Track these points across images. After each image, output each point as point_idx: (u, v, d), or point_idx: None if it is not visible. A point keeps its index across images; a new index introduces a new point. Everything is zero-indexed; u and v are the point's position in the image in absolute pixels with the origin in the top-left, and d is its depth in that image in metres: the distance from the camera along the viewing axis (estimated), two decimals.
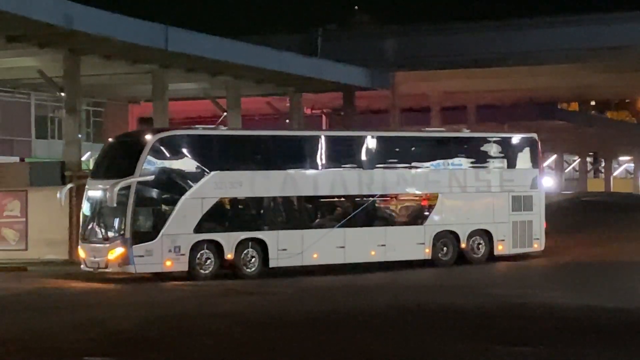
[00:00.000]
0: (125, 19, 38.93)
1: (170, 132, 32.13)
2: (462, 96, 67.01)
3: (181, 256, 30.30)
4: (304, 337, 18.53)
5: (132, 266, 29.95)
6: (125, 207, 29.84)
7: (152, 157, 30.42)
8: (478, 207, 35.40)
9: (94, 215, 31.16)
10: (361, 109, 62.41)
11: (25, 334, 19.10)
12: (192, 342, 18.01)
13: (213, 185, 31.09)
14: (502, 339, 17.87)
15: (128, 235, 29.81)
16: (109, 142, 33.66)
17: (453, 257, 34.61)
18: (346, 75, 52.51)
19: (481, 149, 36.20)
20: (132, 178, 29.95)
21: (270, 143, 33.34)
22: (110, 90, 51.60)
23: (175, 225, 30.31)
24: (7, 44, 37.66)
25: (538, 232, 36.36)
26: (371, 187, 33.64)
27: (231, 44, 45.46)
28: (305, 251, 32.11)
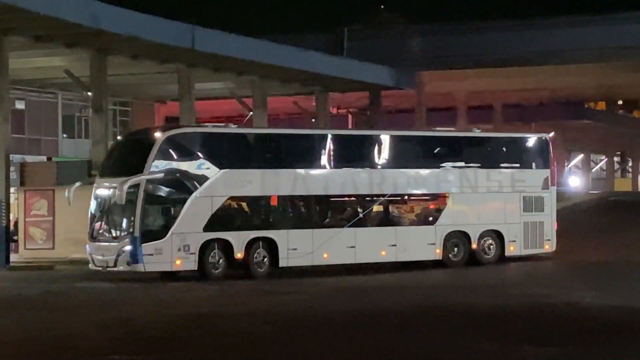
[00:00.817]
0: (152, 18, 39.02)
1: (180, 130, 31.96)
2: (488, 95, 66.85)
3: (191, 255, 29.96)
4: (331, 336, 18.50)
5: (141, 265, 29.60)
6: (134, 205, 29.53)
7: (161, 155, 30.12)
8: (489, 207, 35.09)
9: (102, 214, 30.86)
10: (387, 109, 62.33)
11: (51, 333, 19.17)
12: (219, 341, 18.02)
13: (223, 183, 30.79)
14: (529, 339, 17.77)
15: (137, 234, 29.46)
16: (117, 141, 33.54)
17: (464, 258, 34.32)
18: (372, 74, 52.44)
19: (492, 149, 36.03)
20: (141, 176, 29.65)
21: (279, 141, 33.08)
22: (136, 89, 51.73)
23: (185, 223, 30.00)
24: (35, 44, 37.83)
25: (549, 233, 36.03)
26: (382, 187, 33.35)
27: (257, 43, 45.49)
28: (315, 251, 31.81)
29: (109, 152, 33.13)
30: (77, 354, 16.73)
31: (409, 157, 34.46)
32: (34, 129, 48.58)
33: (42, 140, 49.34)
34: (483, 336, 18.15)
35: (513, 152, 36.28)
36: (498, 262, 34.62)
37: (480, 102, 68.29)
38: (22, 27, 36.31)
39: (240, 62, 44.24)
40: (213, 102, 55.82)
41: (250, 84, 49.04)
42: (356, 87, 53.31)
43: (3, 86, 36.96)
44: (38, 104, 49.14)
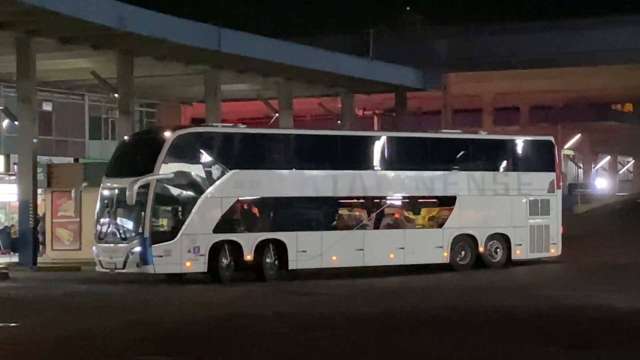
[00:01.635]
0: (178, 20, 39.13)
1: (190, 130, 31.62)
2: (514, 97, 66.63)
3: (200, 257, 29.45)
4: (356, 338, 18.45)
5: (151, 266, 29.02)
6: (144, 206, 28.97)
7: (171, 155, 29.60)
8: (496, 210, 34.76)
9: (110, 215, 30.22)
10: (413, 110, 62.23)
11: (78, 333, 19.22)
12: (244, 342, 18.01)
13: (232, 184, 30.34)
14: (559, 341, 17.67)
15: (147, 235, 28.92)
16: (125, 141, 33.07)
17: (471, 261, 34.00)
18: (398, 76, 52.37)
19: (498, 151, 35.69)
20: (151, 176, 29.14)
21: (288, 142, 32.74)
22: (163, 91, 51.86)
23: (195, 225, 29.51)
24: (62, 46, 37.99)
25: (555, 236, 35.72)
26: (390, 189, 33.12)
27: (283, 45, 45.52)
28: (324, 253, 31.43)
29: (115, 152, 32.53)
30: (105, 353, 16.76)
31: (415, 159, 34.08)
32: (61, 131, 48.77)
33: (69, 141, 49.51)
34: (517, 338, 18.05)
35: (519, 154, 35.95)
36: (505, 266, 34.36)
37: (506, 103, 68.06)
38: (49, 29, 36.48)
39: (266, 63, 44.28)
40: (239, 104, 55.88)
41: (276, 85, 49.09)
42: (382, 88, 53.25)
43: (30, 88, 37.14)
44: (65, 106, 49.32)
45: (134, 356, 16.19)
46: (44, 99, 46.72)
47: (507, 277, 32.01)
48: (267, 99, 51.29)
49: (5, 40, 36.58)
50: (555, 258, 35.76)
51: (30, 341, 17.99)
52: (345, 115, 53.63)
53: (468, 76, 58.25)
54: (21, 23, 35.49)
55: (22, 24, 35.57)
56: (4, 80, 44.61)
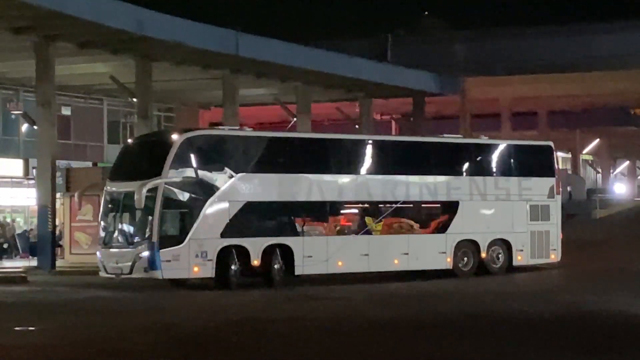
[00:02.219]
0: (196, 24, 39.22)
1: (198, 132, 31.02)
2: (532, 102, 66.39)
3: (208, 262, 28.91)
4: (377, 342, 18.42)
5: (159, 271, 28.40)
6: (152, 210, 28.34)
7: (179, 158, 28.99)
8: (497, 215, 34.43)
9: (115, 219, 29.69)
10: (431, 115, 62.15)
11: (96, 337, 19.26)
12: (264, 346, 18.00)
13: (239, 188, 29.83)
14: (576, 347, 17.60)
15: (155, 239, 28.28)
16: (128, 144, 32.69)
17: (473, 267, 33.66)
18: (416, 80, 52.36)
19: (498, 156, 35.24)
20: (159, 179, 28.53)
21: (294, 145, 32.36)
22: (181, 95, 51.98)
23: (202, 229, 28.95)
24: (80, 50, 38.14)
25: (555, 242, 35.41)
26: (394, 194, 32.63)
27: (301, 49, 45.58)
28: (330, 258, 31.04)
29: (120, 155, 31.77)
30: (122, 357, 16.79)
31: (416, 163, 33.64)
32: (79, 135, 48.93)
33: (88, 146, 49.66)
34: (536, 343, 17.99)
35: (519, 159, 35.59)
36: (506, 272, 34.05)
37: (524, 108, 67.80)
38: (68, 34, 36.63)
39: (284, 68, 44.33)
40: (257, 108, 55.93)
41: (294, 90, 49.13)
42: (400, 93, 53.22)
43: (49, 92, 37.29)
44: (84, 110, 49.49)
45: None
46: (63, 103, 46.87)
47: (516, 283, 31.87)
48: (285, 104, 51.34)
49: (25, 44, 36.74)
50: (555, 264, 35.48)
51: (48, 345, 18.03)
52: (363, 120, 53.63)
53: (486, 81, 58.14)
54: (40, 28, 35.65)
55: (42, 28, 35.73)
56: (23, 85, 44.80)
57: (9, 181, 45.14)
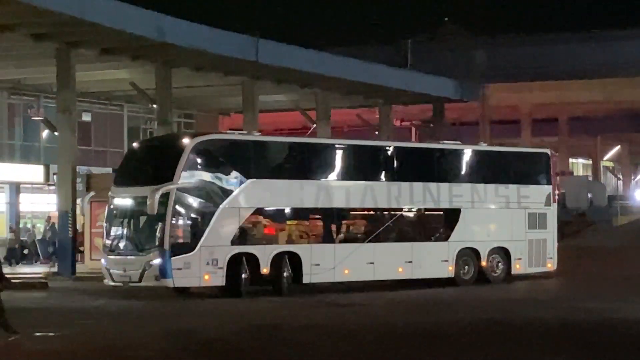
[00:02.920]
0: (216, 31, 39.26)
1: (210, 136, 30.35)
2: (553, 108, 66.28)
3: (219, 270, 28.25)
4: (404, 348, 18.35)
5: (171, 280, 27.69)
6: (164, 216, 27.59)
7: (190, 163, 28.36)
8: (497, 223, 34.16)
9: (123, 225, 28.99)
10: (451, 121, 62.07)
11: (116, 343, 19.27)
12: (284, 352, 17.96)
13: (250, 194, 29.21)
14: (601, 355, 17.49)
15: (167, 246, 27.57)
16: (135, 148, 31.89)
17: (474, 276, 33.26)
18: (436, 87, 52.26)
19: (497, 163, 35.01)
20: (171, 184, 27.84)
21: (304, 151, 31.73)
22: (201, 101, 52.05)
23: (213, 236, 28.29)
24: (101, 57, 38.24)
25: (551, 251, 35.09)
26: (399, 201, 32.18)
27: (321, 55, 45.57)
28: (337, 266, 30.49)
29: (125, 159, 31.26)
30: None
31: (416, 169, 33.08)
32: (100, 141, 49.05)
33: (108, 152, 49.78)
34: (559, 350, 17.89)
35: (518, 166, 35.35)
36: (504, 280, 33.70)
37: (545, 114, 67.69)
38: (89, 40, 36.73)
39: (303, 74, 44.34)
40: (276, 115, 55.98)
41: (313, 96, 49.13)
42: (420, 99, 53.14)
43: (70, 98, 37.39)
44: (104, 116, 49.61)
45: None
46: (83, 109, 47.00)
47: (526, 290, 31.60)
48: (304, 110, 51.33)
49: (46, 51, 36.87)
50: (552, 273, 35.10)
51: (70, 351, 18.05)
52: (382, 126, 53.58)
53: (506, 87, 58.05)
54: (61, 34, 35.77)
55: (62, 35, 35.85)
56: (44, 91, 44.96)
57: (30, 187, 45.28)
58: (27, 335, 20.01)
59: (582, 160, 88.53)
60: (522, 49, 55.77)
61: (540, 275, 35.07)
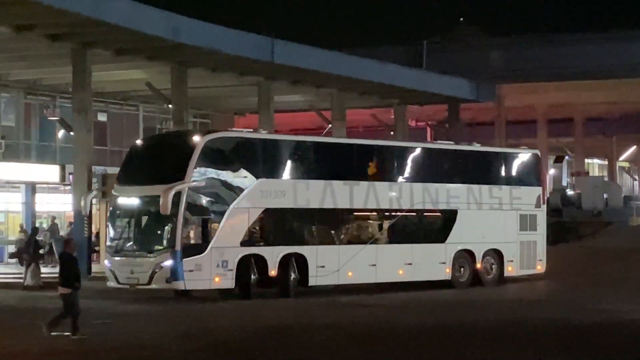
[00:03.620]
0: (231, 31, 39.28)
1: (221, 134, 29.56)
2: (569, 109, 66.13)
3: (228, 272, 27.46)
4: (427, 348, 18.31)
5: (182, 282, 26.86)
6: (176, 216, 26.69)
7: (201, 161, 27.52)
8: (491, 225, 33.67)
9: (130, 226, 28.20)
10: (466, 122, 61.99)
11: (133, 343, 19.30)
12: (299, 352, 17.96)
13: (259, 194, 28.43)
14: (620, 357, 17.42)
15: (178, 248, 26.66)
16: (141, 145, 30.90)
17: (469, 278, 32.89)
18: (451, 87, 52.19)
19: (488, 164, 34.70)
20: (183, 183, 26.96)
21: (312, 150, 31.08)
22: (216, 102, 52.11)
23: (224, 237, 27.51)
24: (117, 57, 38.31)
25: (541, 253, 34.80)
26: (400, 202, 31.76)
27: (336, 56, 45.56)
28: (341, 269, 29.91)
29: (129, 157, 30.11)
30: None
31: (409, 169, 32.46)
32: (115, 141, 49.12)
33: (124, 152, 49.76)
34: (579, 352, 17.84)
35: (510, 167, 35.00)
36: (498, 283, 33.39)
37: (561, 115, 67.56)
38: (105, 41, 36.80)
39: (319, 74, 44.33)
40: (292, 115, 56.01)
41: (329, 96, 49.12)
42: (435, 99, 53.08)
43: (86, 99, 37.47)
44: (120, 116, 49.70)
45: None
46: (99, 109, 47.08)
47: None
48: (320, 110, 51.32)
49: (62, 51, 36.96)
50: (541, 275, 34.81)
51: (84, 351, 18.09)
52: (397, 127, 53.54)
53: (522, 87, 57.93)
54: (77, 35, 35.85)
55: (78, 35, 35.93)
56: (60, 91, 45.08)
57: (46, 187, 45.39)
58: (43, 336, 20.06)
59: (598, 161, 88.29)
60: (537, 49, 55.60)
61: (530, 277, 34.68)
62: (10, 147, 44.22)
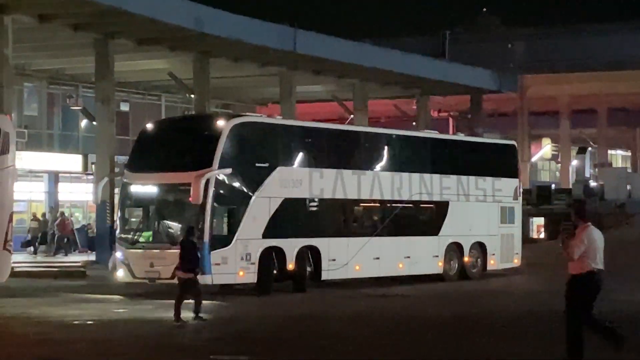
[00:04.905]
0: (253, 21, 39.31)
1: (247, 118, 28.10)
2: (592, 99, 65.84)
3: (251, 265, 25.74)
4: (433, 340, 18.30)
5: (209, 276, 24.78)
6: (204, 206, 24.81)
7: (229, 146, 25.75)
8: (476, 217, 32.72)
9: (148, 216, 26.44)
10: (488, 112, 61.82)
11: (153, 331, 19.36)
12: (322, 343, 17.94)
13: (278, 182, 26.84)
14: None
15: (206, 239, 24.82)
16: (156, 129, 28.34)
17: (458, 271, 31.89)
18: (474, 78, 52.07)
19: (475, 154, 33.67)
20: (211, 170, 25.14)
21: (326, 137, 29.93)
22: (238, 92, 52.17)
23: (247, 228, 25.80)
24: (139, 47, 38.41)
25: (518, 246, 34.09)
26: (400, 192, 30.51)
27: (358, 46, 45.52)
28: (349, 262, 28.69)
29: (142, 142, 27.90)
30: (180, 352, 16.84)
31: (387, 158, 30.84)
32: (138, 131, 48.99)
33: None
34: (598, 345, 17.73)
35: (492, 158, 34.20)
36: (482, 276, 32.48)
37: (584, 105, 67.27)
38: (127, 31, 36.90)
39: (341, 65, 44.29)
40: (314, 105, 55.99)
41: (351, 86, 49.08)
42: (457, 90, 52.98)
43: (109, 89, 37.58)
44: (142, 106, 49.81)
45: (209, 355, 16.24)
46: (122, 99, 47.23)
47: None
48: (342, 100, 51.30)
49: (84, 41, 37.08)
50: (518, 269, 34.09)
51: (107, 339, 18.14)
52: (420, 117, 53.45)
53: (545, 78, 57.74)
54: (100, 25, 35.95)
55: (101, 25, 36.03)
56: (82, 81, 45.22)
57: (68, 176, 45.58)
58: (66, 324, 20.16)
59: (621, 152, 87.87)
60: (561, 39, 55.42)
61: (507, 271, 33.94)
62: (33, 136, 44.42)
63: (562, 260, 14.85)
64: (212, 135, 25.96)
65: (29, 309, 23.00)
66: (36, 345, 17.20)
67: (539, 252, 39.04)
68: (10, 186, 23.17)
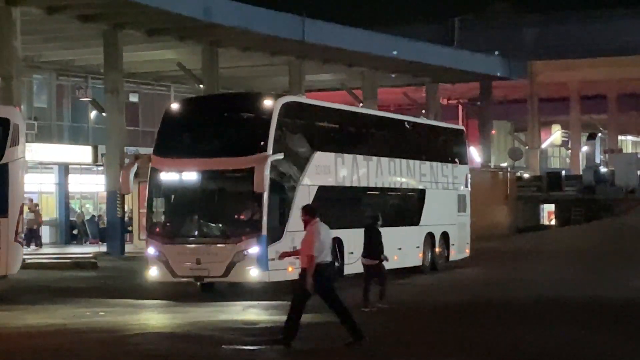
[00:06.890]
0: (262, 11, 39.29)
1: (293, 98, 26.32)
2: (602, 85, 65.68)
3: (296, 260, 21.83)
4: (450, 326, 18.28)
5: (267, 273, 22.49)
6: (261, 195, 22.29)
7: (278, 128, 23.23)
8: (442, 206, 30.85)
9: (190, 206, 23.44)
10: (498, 99, 61.75)
11: (167, 324, 19.37)
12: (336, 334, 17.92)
13: (314, 169, 24.60)
14: None
15: (264, 232, 22.42)
16: (189, 110, 24.98)
17: (430, 263, 29.89)
18: (484, 65, 52.01)
19: (438, 140, 31.82)
20: (267, 155, 22.59)
21: (376, 125, 28.52)
22: (247, 81, 52.14)
23: (295, 219, 21.75)
24: (148, 38, 38.42)
25: (469, 236, 32.48)
26: (390, 180, 28.54)
27: (367, 34, 45.48)
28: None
29: (175, 124, 24.57)
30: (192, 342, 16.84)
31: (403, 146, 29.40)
32: (147, 122, 49.26)
33: (156, 132, 49.92)
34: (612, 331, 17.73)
35: (449, 143, 32.25)
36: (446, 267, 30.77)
37: (594, 91, 67.12)
38: (136, 21, 36.91)
39: (350, 53, 44.27)
40: (323, 94, 55.92)
41: (360, 75, 49.04)
42: (467, 77, 52.91)
43: (118, 80, 37.60)
44: (151, 97, 49.84)
45: (221, 345, 16.25)
46: (131, 90, 47.26)
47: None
48: (351, 89, 51.27)
49: (93, 32, 37.09)
50: (468, 260, 32.37)
51: (119, 329, 18.16)
52: (429, 105, 53.40)
53: (554, 64, 57.62)
54: (108, 15, 35.95)
55: (110, 16, 36.03)
56: (92, 72, 45.25)
57: (78, 168, 45.64)
58: (78, 314, 20.20)
59: (632, 138, 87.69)
60: (571, 25, 55.29)
61: (460, 263, 32.20)
62: (43, 128, 44.47)
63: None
64: (261, 115, 23.38)
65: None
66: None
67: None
68: (20, 178, 23.21)
